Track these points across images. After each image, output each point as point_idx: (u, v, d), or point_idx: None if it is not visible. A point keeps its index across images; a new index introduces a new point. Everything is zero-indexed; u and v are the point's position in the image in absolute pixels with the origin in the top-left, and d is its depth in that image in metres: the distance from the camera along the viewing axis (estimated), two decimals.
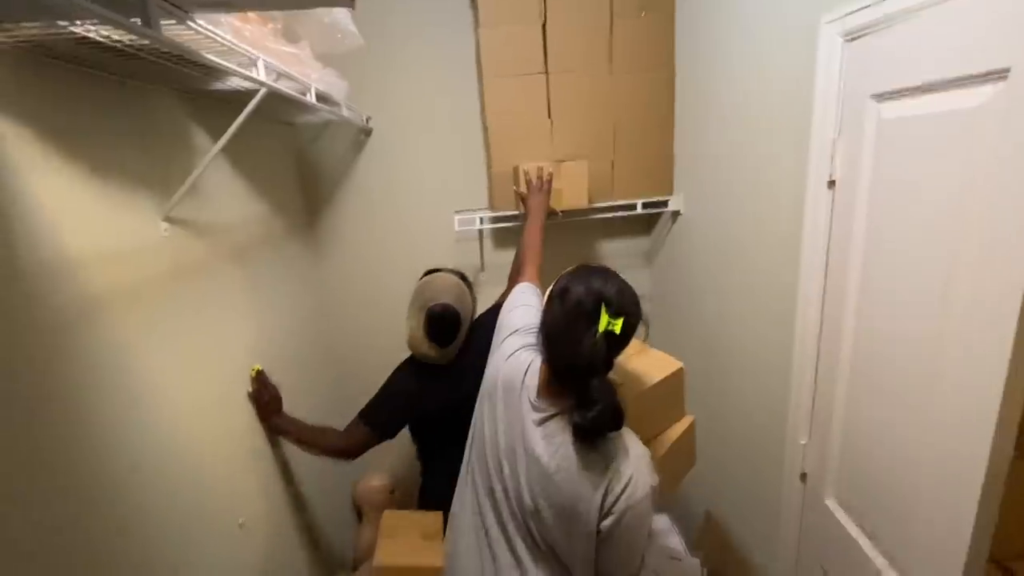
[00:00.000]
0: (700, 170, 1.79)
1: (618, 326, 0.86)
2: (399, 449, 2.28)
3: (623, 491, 0.89)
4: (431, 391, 1.44)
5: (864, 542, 1.13)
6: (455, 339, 1.41)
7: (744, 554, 1.69)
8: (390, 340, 1.83)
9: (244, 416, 1.38)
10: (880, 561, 1.08)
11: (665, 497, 2.27)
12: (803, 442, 1.33)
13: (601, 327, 0.86)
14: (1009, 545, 1.34)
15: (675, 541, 1.91)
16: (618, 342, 0.89)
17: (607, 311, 0.87)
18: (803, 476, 1.35)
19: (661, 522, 2.00)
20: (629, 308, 0.90)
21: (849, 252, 1.11)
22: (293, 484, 1.64)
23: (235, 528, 1.28)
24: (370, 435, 1.42)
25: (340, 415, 1.99)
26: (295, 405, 1.58)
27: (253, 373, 1.39)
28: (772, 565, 1.52)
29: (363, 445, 1.43)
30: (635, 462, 0.91)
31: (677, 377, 1.30)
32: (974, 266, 0.82)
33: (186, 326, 1.13)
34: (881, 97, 1.00)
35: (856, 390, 1.14)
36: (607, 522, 0.90)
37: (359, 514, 2.21)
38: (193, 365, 1.15)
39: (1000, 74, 0.76)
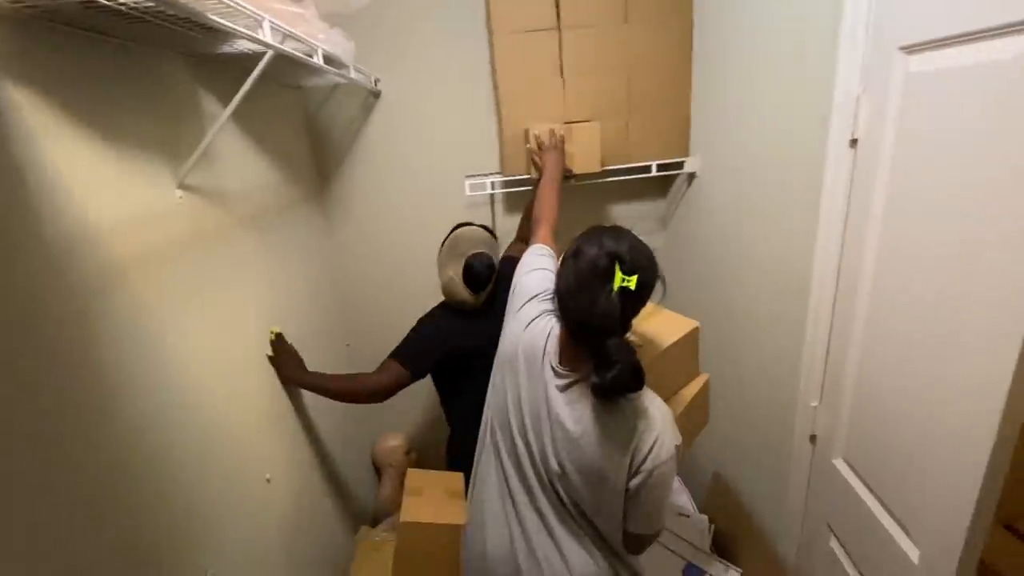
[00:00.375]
0: (717, 130, 1.73)
1: (632, 282, 0.86)
2: (414, 412, 2.35)
3: (649, 451, 0.92)
4: (464, 329, 1.53)
5: (871, 501, 1.15)
6: (488, 285, 1.51)
7: (751, 513, 1.73)
8: (402, 301, 1.86)
9: (266, 377, 1.42)
10: (887, 520, 1.10)
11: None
12: (814, 404, 1.34)
13: (616, 284, 0.85)
14: (1020, 507, 1.35)
15: (684, 499, 1.97)
16: (634, 300, 0.89)
17: (621, 268, 0.86)
18: (812, 438, 1.36)
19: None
20: (643, 263, 0.90)
21: (869, 213, 1.08)
22: (315, 443, 1.70)
23: (263, 483, 1.35)
24: (402, 372, 1.47)
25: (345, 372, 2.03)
26: (311, 368, 1.63)
27: (272, 336, 1.43)
28: (779, 523, 1.56)
29: (395, 384, 1.47)
30: (659, 422, 0.93)
31: (693, 336, 1.32)
32: (1000, 227, 0.80)
33: (205, 290, 1.16)
34: (910, 49, 0.95)
35: (870, 352, 1.14)
36: (634, 481, 0.93)
37: (378, 473, 2.30)
38: (213, 328, 1.18)
39: None
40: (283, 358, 1.43)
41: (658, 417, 0.94)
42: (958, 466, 0.90)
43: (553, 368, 0.98)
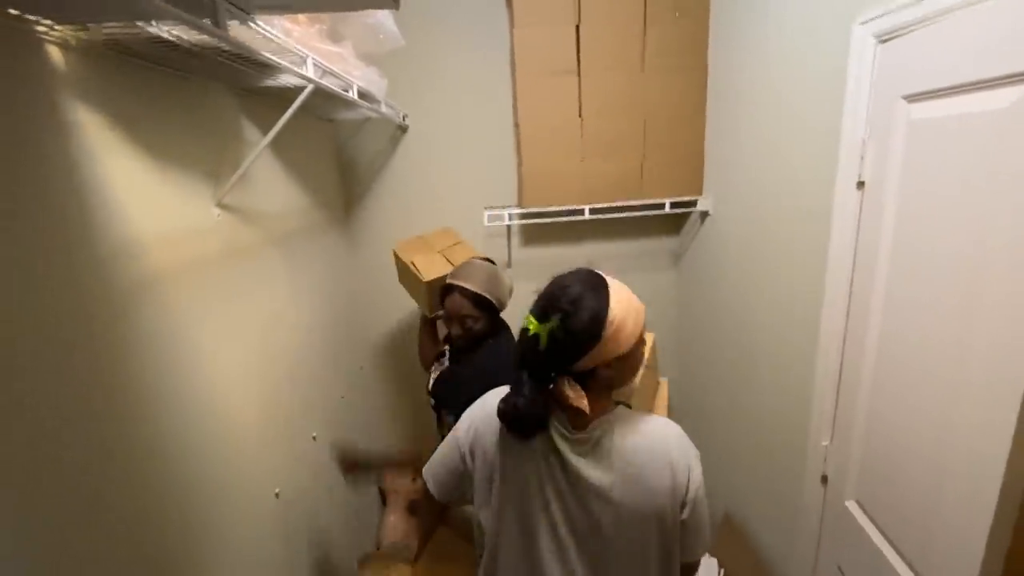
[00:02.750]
0: (730, 171, 1.79)
1: (537, 328, 0.83)
2: (422, 440, 2.36)
3: (688, 481, 0.89)
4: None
5: (884, 545, 1.13)
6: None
7: (761, 555, 1.68)
8: (416, 328, 1.90)
9: (279, 392, 1.46)
10: (900, 566, 1.07)
11: None
12: (825, 443, 1.32)
13: (531, 328, 0.84)
14: None
15: None
16: (559, 348, 0.83)
17: (534, 313, 0.86)
18: (824, 478, 1.35)
19: None
20: (564, 308, 0.82)
21: (877, 254, 1.11)
22: (323, 462, 1.72)
23: (272, 497, 1.37)
24: None
25: (360, 404, 2.07)
26: (326, 388, 1.66)
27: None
28: (789, 565, 1.51)
29: None
30: (678, 445, 0.90)
31: (653, 349, 1.43)
32: (1002, 269, 0.82)
33: (233, 303, 1.22)
34: (912, 98, 1.00)
35: (879, 393, 1.14)
36: (685, 513, 0.90)
37: (383, 499, 2.29)
38: (238, 340, 1.23)
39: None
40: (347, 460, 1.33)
41: (675, 441, 0.90)
42: (968, 509, 0.89)
43: (558, 431, 0.89)
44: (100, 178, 0.84)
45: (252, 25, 0.79)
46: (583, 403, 0.83)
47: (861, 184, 1.15)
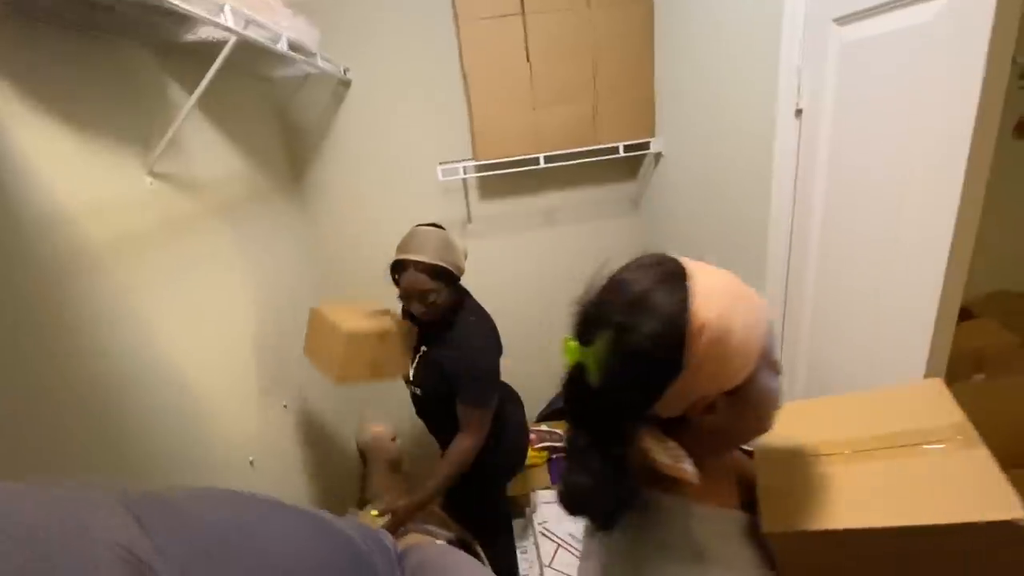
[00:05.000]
0: (679, 109, 1.79)
1: (580, 355, 0.52)
2: (395, 400, 2.39)
3: None
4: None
5: None
6: None
7: None
8: (380, 291, 1.89)
9: (247, 362, 1.45)
10: None
11: None
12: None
13: (568, 357, 0.54)
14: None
15: None
16: (618, 383, 0.50)
17: (574, 331, 0.54)
18: None
19: None
20: (616, 318, 0.50)
21: (815, 179, 1.15)
22: (298, 427, 1.74)
23: (246, 465, 1.38)
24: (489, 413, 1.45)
25: None
26: (292, 355, 1.66)
27: (374, 515, 1.47)
28: None
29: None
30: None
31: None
32: (921, 178, 0.87)
33: (181, 275, 1.18)
34: (842, 20, 1.01)
35: (820, 308, 1.21)
36: None
37: (363, 459, 2.34)
38: (191, 312, 1.21)
39: None
40: (405, 514, 1.40)
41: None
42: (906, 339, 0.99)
43: None
44: (13, 149, 0.78)
45: None
46: (686, 470, 0.49)
47: (799, 112, 1.17)
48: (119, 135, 1.04)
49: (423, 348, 1.49)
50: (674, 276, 0.51)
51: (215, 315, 1.32)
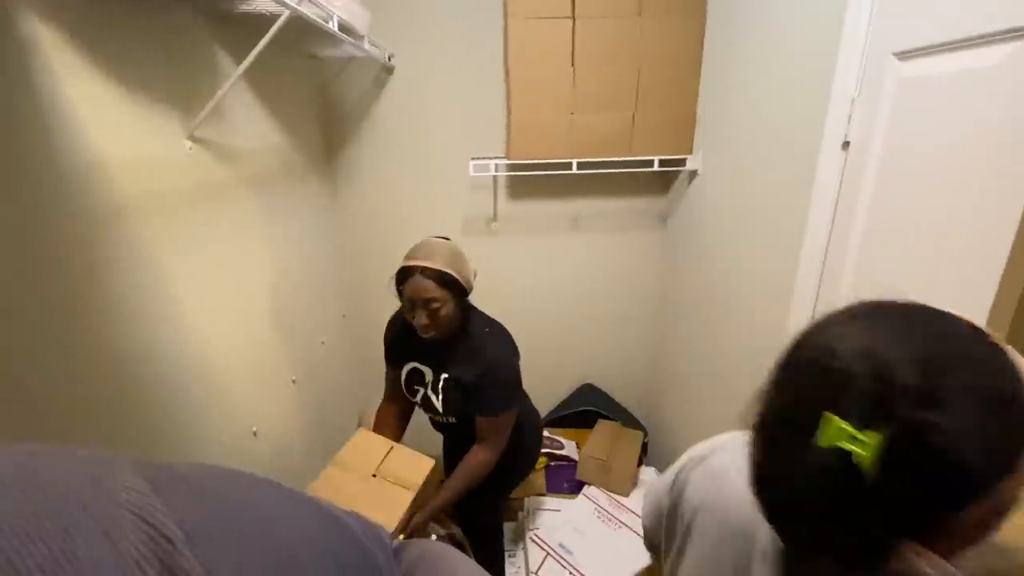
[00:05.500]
0: (720, 128, 1.76)
1: (857, 446, 0.35)
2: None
3: None
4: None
5: None
6: None
7: None
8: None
9: (260, 335, 1.47)
10: None
11: (655, 453, 2.30)
12: None
13: (825, 439, 0.37)
14: None
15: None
16: (912, 487, 0.36)
17: (845, 406, 0.37)
18: None
19: (647, 474, 2.09)
20: (919, 391, 0.35)
21: (854, 216, 1.11)
22: (303, 399, 1.75)
23: (249, 435, 1.39)
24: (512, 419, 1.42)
25: (342, 351, 2.08)
26: (307, 334, 1.67)
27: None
28: None
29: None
30: None
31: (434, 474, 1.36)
32: (968, 231, 0.84)
33: (207, 239, 1.20)
34: (903, 55, 0.97)
35: None
36: None
37: None
38: (212, 276, 1.22)
39: (1019, 32, 0.75)
40: (415, 528, 1.33)
41: None
42: None
43: None
44: (60, 97, 0.80)
45: None
46: None
47: (846, 144, 1.14)
48: (164, 97, 1.06)
49: (444, 375, 1.39)
50: (992, 345, 0.38)
51: (235, 284, 1.34)
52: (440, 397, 1.41)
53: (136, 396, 0.96)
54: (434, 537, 1.52)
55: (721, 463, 0.62)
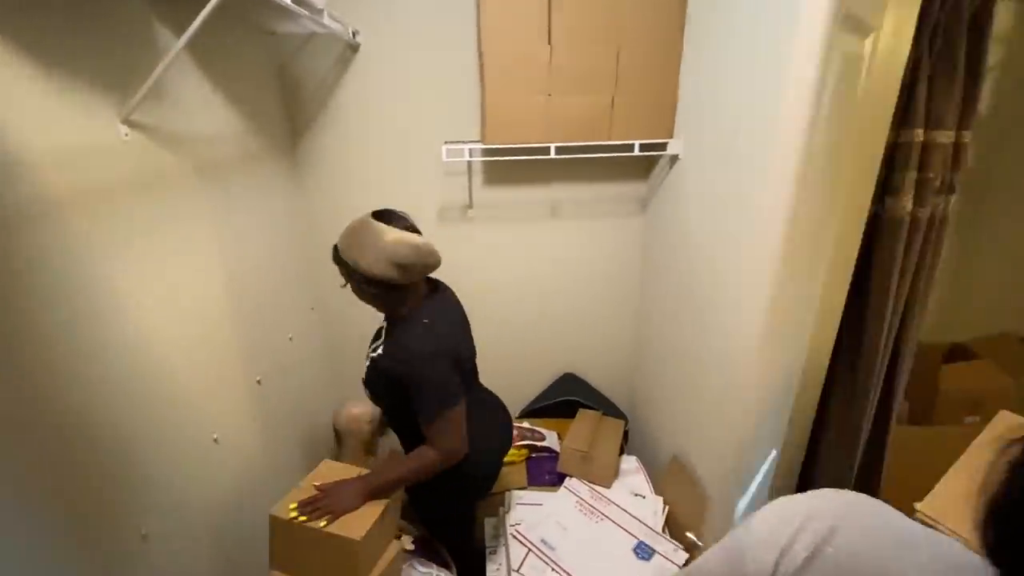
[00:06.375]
0: (702, 113, 1.70)
1: None
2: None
3: None
4: (451, 329, 1.39)
5: None
6: None
7: (703, 490, 1.76)
8: None
9: (217, 334, 1.37)
10: None
11: (635, 441, 2.31)
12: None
13: None
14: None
15: (640, 480, 1.99)
16: None
17: None
18: None
19: (628, 463, 2.08)
20: None
21: None
22: (270, 403, 1.66)
23: (210, 443, 1.31)
24: (460, 411, 1.30)
25: (312, 346, 1.99)
26: (271, 330, 1.57)
27: (294, 513, 1.20)
28: (733, 504, 1.59)
29: (463, 430, 1.32)
30: None
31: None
32: None
33: (153, 234, 1.10)
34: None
35: None
36: None
37: (338, 440, 2.27)
38: (160, 275, 1.12)
39: None
40: (333, 499, 1.23)
41: None
42: None
43: None
44: None
45: None
46: None
47: None
48: (94, 78, 0.94)
49: (373, 353, 1.37)
50: None
51: (187, 279, 1.24)
52: (365, 369, 1.41)
53: (73, 401, 0.87)
54: (409, 540, 1.47)
55: (851, 548, 0.51)
